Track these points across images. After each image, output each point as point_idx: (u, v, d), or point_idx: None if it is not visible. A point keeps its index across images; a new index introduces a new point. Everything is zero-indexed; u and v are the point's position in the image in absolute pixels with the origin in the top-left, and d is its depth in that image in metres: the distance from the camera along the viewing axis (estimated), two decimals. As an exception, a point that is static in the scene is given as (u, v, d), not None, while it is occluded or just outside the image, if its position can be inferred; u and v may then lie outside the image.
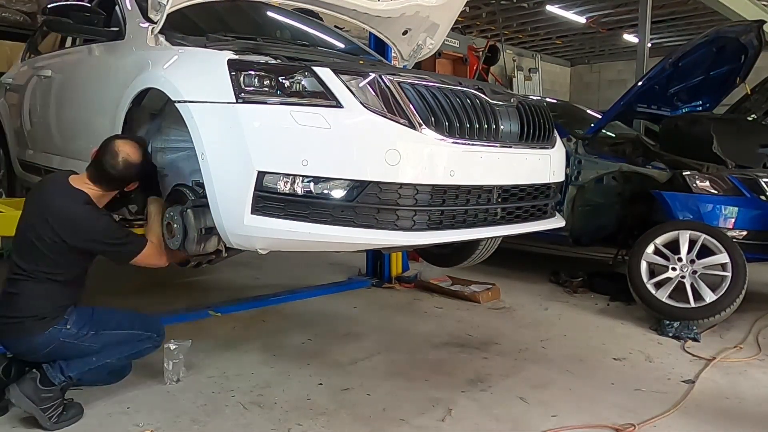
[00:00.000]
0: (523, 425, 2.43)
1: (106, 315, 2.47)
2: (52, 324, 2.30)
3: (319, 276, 4.87)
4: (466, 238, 2.56)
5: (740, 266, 3.66)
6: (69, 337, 2.32)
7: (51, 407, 2.27)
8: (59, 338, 2.31)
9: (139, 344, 2.48)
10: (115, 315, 2.51)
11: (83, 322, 2.36)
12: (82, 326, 2.35)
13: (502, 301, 4.36)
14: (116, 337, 2.42)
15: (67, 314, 2.34)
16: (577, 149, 4.53)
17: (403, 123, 2.20)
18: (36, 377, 2.29)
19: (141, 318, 2.57)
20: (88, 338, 2.35)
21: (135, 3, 2.95)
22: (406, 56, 3.90)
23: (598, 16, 11.50)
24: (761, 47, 4.68)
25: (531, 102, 2.75)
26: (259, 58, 2.27)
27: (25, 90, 3.94)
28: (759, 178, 4.10)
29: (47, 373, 2.30)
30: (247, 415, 2.45)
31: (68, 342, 2.32)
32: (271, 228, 2.14)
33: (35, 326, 2.29)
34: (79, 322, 2.35)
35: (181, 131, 2.46)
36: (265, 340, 3.35)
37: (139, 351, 2.50)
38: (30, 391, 2.26)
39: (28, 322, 2.29)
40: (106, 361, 2.40)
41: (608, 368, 3.10)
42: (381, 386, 2.77)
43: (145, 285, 4.48)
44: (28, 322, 2.29)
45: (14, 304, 2.30)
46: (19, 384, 2.28)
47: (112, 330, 2.41)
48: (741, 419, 2.56)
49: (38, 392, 2.26)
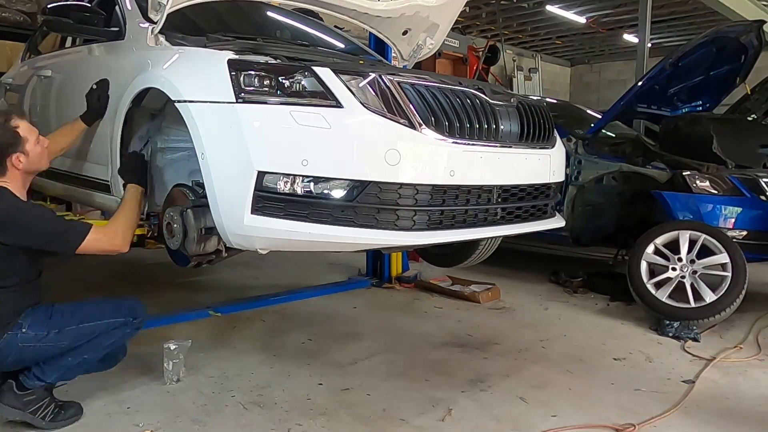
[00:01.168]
0: (523, 425, 2.43)
1: (69, 310, 2.28)
2: (6, 330, 2.16)
3: (319, 276, 4.87)
4: (466, 238, 2.55)
5: (740, 266, 3.66)
6: (28, 341, 2.17)
7: (39, 407, 2.23)
8: (18, 344, 2.17)
9: (115, 332, 2.31)
10: (80, 308, 2.31)
11: (40, 323, 2.20)
12: (40, 328, 2.19)
13: (502, 301, 4.36)
14: (86, 330, 2.25)
15: (21, 318, 2.19)
16: (577, 149, 4.54)
17: (403, 123, 2.20)
18: (12, 385, 2.23)
19: (111, 304, 2.38)
20: (50, 338, 2.19)
21: (135, 3, 2.95)
22: (406, 56, 3.90)
23: (598, 16, 11.48)
24: (761, 47, 4.68)
25: (531, 102, 2.75)
26: (259, 58, 2.27)
27: (25, 90, 3.94)
28: (759, 178, 4.10)
29: (23, 382, 2.23)
30: (247, 415, 2.45)
31: (29, 346, 2.18)
32: (271, 228, 2.14)
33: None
34: (35, 325, 2.19)
35: (181, 131, 2.46)
36: (265, 340, 3.35)
37: (118, 339, 2.35)
38: (11, 400, 2.21)
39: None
40: (83, 357, 2.27)
41: (608, 368, 3.10)
42: (381, 386, 2.77)
43: (145, 285, 4.49)
44: None
45: None
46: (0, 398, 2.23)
47: (78, 324, 2.24)
48: (741, 419, 2.56)
49: (19, 398, 2.21)
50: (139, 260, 5.43)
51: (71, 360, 2.27)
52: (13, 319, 2.19)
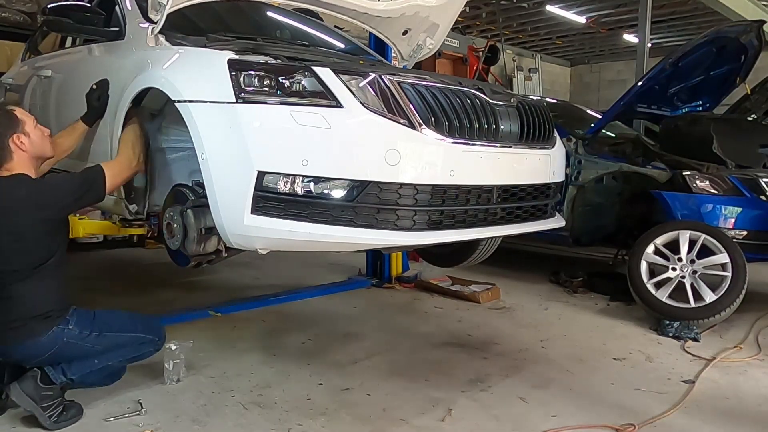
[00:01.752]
0: (523, 425, 2.43)
1: (109, 317, 2.46)
2: (56, 323, 2.28)
3: (319, 276, 4.87)
4: (466, 238, 2.55)
5: (740, 266, 3.66)
6: (72, 338, 2.30)
7: (51, 406, 2.26)
8: (63, 339, 2.29)
9: (141, 347, 2.47)
10: (118, 317, 2.49)
11: (85, 323, 2.34)
12: (84, 327, 2.33)
13: (502, 301, 4.36)
14: (118, 340, 2.41)
15: (69, 315, 2.33)
16: (577, 149, 4.54)
17: (403, 123, 2.20)
18: (36, 375, 2.28)
19: (144, 320, 2.56)
20: (91, 339, 2.33)
21: (135, 3, 2.95)
22: (406, 56, 3.90)
23: (598, 16, 11.48)
24: (761, 47, 4.68)
25: (531, 102, 2.75)
26: (259, 58, 2.27)
27: (25, 90, 3.94)
28: (759, 178, 4.10)
29: (48, 373, 2.29)
30: (247, 415, 2.45)
31: (72, 342, 2.31)
32: (271, 228, 2.14)
33: (39, 326, 2.26)
34: (81, 323, 2.33)
35: (181, 131, 2.46)
36: (265, 340, 3.35)
37: (141, 354, 2.50)
38: (30, 389, 2.26)
39: (32, 322, 2.26)
40: (107, 363, 2.40)
41: (608, 368, 3.10)
42: (381, 386, 2.77)
43: (145, 285, 4.49)
44: (32, 322, 2.26)
45: (14, 308, 2.26)
46: (20, 382, 2.27)
47: (115, 332, 2.40)
48: (741, 419, 2.55)
49: (38, 390, 2.26)
50: (139, 260, 5.44)
51: (97, 363, 2.37)
52: (63, 310, 2.33)
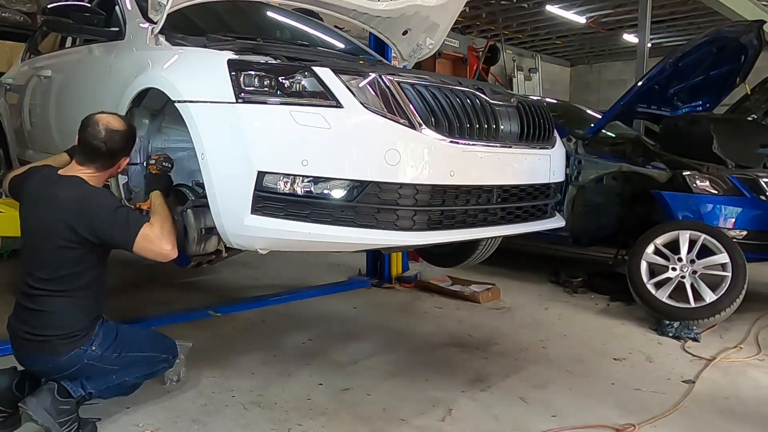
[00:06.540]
0: (523, 425, 2.43)
1: (130, 336, 2.41)
2: (80, 344, 2.21)
3: (319, 276, 4.87)
4: (466, 238, 2.56)
5: (740, 266, 3.66)
6: (93, 359, 2.24)
7: (68, 421, 2.19)
8: (84, 360, 2.23)
9: (156, 365, 2.43)
10: (138, 336, 2.45)
11: (108, 344, 2.28)
12: (107, 348, 2.27)
13: (502, 301, 4.36)
14: (137, 358, 2.36)
15: (94, 334, 2.26)
16: (577, 149, 4.54)
17: (403, 123, 2.20)
18: (53, 388, 2.21)
19: (161, 339, 2.52)
20: (111, 360, 2.28)
21: (135, 3, 2.95)
22: (406, 56, 3.90)
23: (598, 16, 11.47)
24: (761, 47, 4.68)
25: (531, 102, 2.75)
26: (259, 58, 2.27)
27: (25, 90, 3.94)
28: (759, 178, 4.10)
29: (66, 386, 2.23)
30: (247, 415, 2.45)
31: (92, 364, 2.25)
32: (271, 228, 2.14)
33: (61, 345, 2.19)
34: (104, 344, 2.27)
35: (181, 131, 2.46)
36: (265, 340, 3.35)
37: (155, 371, 2.45)
38: (47, 403, 2.17)
39: (56, 340, 2.19)
40: (124, 379, 2.34)
41: (608, 368, 3.10)
42: (381, 386, 2.77)
43: (145, 284, 4.49)
44: (55, 340, 2.19)
45: (44, 322, 2.20)
46: (36, 395, 2.19)
47: (134, 352, 2.35)
48: (741, 419, 2.56)
49: (56, 404, 2.18)
50: (139, 260, 5.43)
51: (115, 379, 2.32)
52: (89, 331, 2.25)
